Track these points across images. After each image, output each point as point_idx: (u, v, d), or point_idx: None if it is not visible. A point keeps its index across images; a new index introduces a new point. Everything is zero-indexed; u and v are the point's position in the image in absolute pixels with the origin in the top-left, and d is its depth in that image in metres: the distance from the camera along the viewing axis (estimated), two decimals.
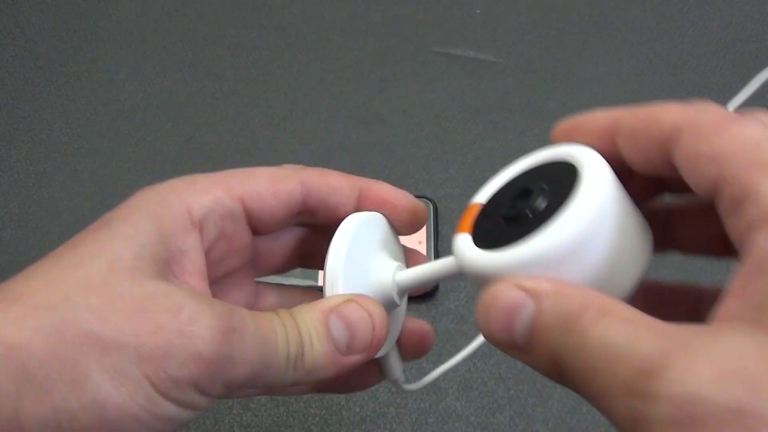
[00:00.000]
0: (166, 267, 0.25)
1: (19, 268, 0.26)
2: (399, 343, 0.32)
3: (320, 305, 0.26)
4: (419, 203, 0.30)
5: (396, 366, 0.31)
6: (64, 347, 0.22)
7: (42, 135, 0.63)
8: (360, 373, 0.29)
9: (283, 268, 0.32)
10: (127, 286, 0.23)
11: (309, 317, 0.26)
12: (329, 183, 0.30)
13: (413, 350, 0.32)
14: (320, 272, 0.55)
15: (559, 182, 0.23)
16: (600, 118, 0.23)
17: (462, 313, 0.54)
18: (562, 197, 0.22)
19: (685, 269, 0.41)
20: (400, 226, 0.31)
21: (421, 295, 0.54)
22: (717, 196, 0.20)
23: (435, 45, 0.69)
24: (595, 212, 0.21)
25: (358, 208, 0.29)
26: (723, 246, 0.22)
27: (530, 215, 0.23)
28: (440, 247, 0.57)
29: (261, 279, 0.32)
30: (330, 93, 0.66)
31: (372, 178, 0.63)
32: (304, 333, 0.25)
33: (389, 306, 0.29)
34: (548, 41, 0.69)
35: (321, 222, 0.30)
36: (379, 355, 0.28)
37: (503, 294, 0.21)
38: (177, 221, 0.26)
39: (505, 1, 0.72)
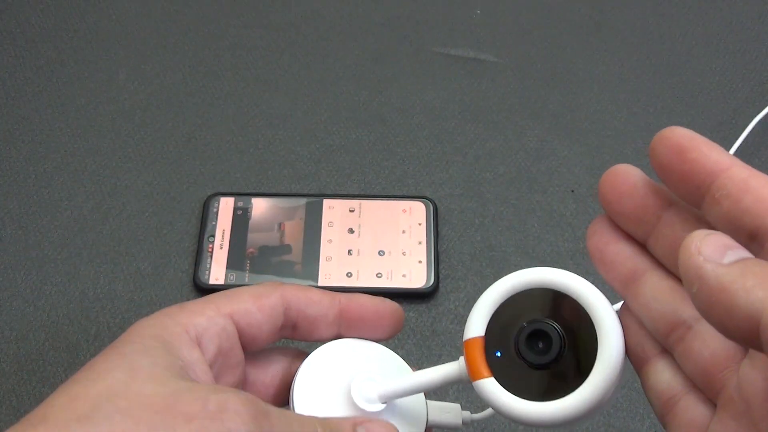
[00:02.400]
0: (181, 372, 0.26)
1: (19, 268, 0.26)
2: None
3: (352, 420, 0.28)
4: (397, 308, 0.33)
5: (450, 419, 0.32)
6: None
7: (42, 135, 0.63)
8: None
9: (275, 402, 0.32)
10: (151, 387, 0.24)
11: (341, 427, 0.27)
12: (308, 296, 0.31)
13: (385, 329, 0.33)
14: (320, 271, 0.55)
15: (573, 326, 0.26)
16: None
17: (462, 314, 0.54)
18: (585, 348, 0.25)
19: None
20: (383, 333, 0.32)
21: (421, 295, 0.54)
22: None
23: (435, 45, 0.69)
24: (617, 373, 0.25)
25: (339, 322, 0.31)
26: None
27: (557, 361, 0.26)
28: (440, 247, 0.57)
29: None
30: (330, 93, 0.66)
31: (372, 177, 0.63)
32: None
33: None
34: (548, 41, 0.69)
35: (303, 336, 0.32)
36: None
37: None
38: (180, 339, 0.27)
39: (505, 1, 0.72)
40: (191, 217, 0.59)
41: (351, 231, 0.57)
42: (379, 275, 0.55)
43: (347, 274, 0.55)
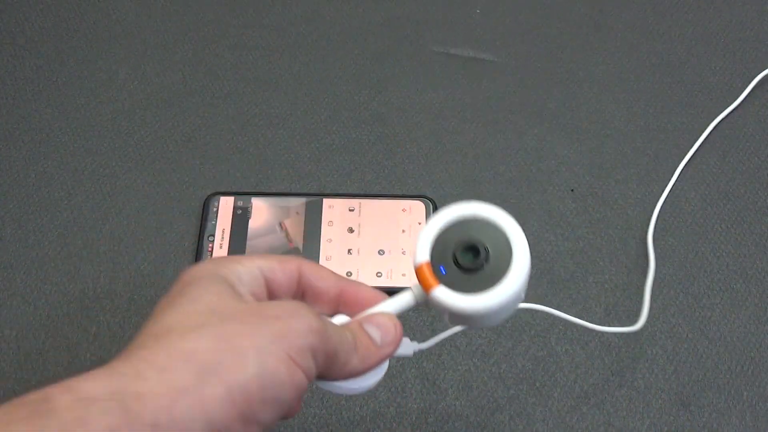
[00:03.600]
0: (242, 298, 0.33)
1: (19, 268, 0.26)
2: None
3: (355, 320, 0.36)
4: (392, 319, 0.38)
5: (403, 351, 0.40)
6: (224, 344, 0.29)
7: (42, 135, 0.63)
8: None
9: None
10: (239, 305, 0.32)
11: (351, 326, 0.35)
12: (319, 271, 0.37)
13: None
14: None
15: (492, 239, 0.35)
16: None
17: None
18: (501, 252, 0.35)
19: None
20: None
21: None
22: None
23: (435, 45, 0.69)
24: (525, 275, 0.35)
25: (338, 301, 0.37)
26: None
27: (484, 267, 0.35)
28: None
29: None
30: (330, 93, 0.66)
31: (372, 177, 0.63)
32: (354, 333, 0.35)
33: None
34: (548, 41, 0.69)
35: (307, 303, 0.38)
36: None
37: None
38: (231, 278, 0.33)
39: (505, 1, 0.72)
40: (191, 216, 0.59)
41: (351, 230, 0.57)
42: (378, 274, 0.55)
43: (347, 273, 0.55)
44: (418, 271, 0.35)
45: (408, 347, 0.40)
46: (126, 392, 0.27)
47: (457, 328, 0.44)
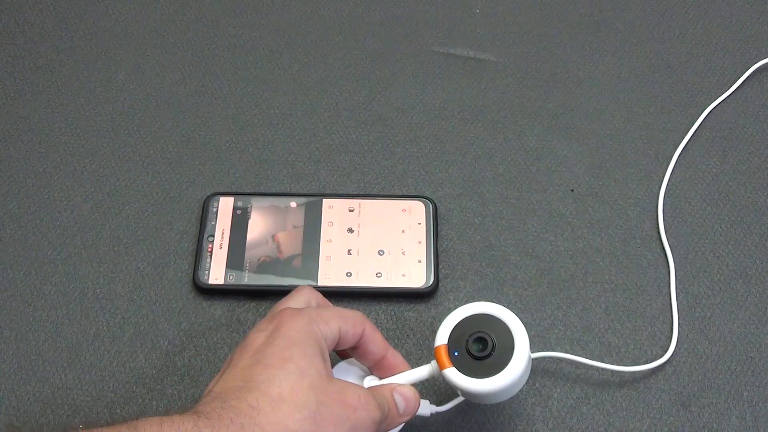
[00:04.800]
0: (328, 369, 0.41)
1: (18, 268, 0.26)
2: None
3: (389, 386, 0.44)
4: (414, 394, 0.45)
5: (422, 412, 0.47)
6: (317, 429, 0.38)
7: (42, 135, 0.63)
8: None
9: None
10: (331, 386, 0.40)
11: (386, 394, 0.43)
12: (375, 338, 0.45)
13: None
14: (319, 271, 0.55)
15: (499, 334, 0.43)
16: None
17: None
18: (505, 346, 0.43)
19: None
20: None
21: (421, 295, 0.54)
22: None
23: (435, 45, 0.69)
24: (526, 362, 0.43)
25: (378, 361, 0.45)
26: None
27: (490, 356, 0.43)
28: (439, 246, 0.57)
29: None
30: (330, 93, 0.66)
31: (371, 177, 0.63)
32: (388, 403, 0.43)
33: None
34: (548, 41, 0.69)
35: (354, 354, 0.46)
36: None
37: None
38: (322, 342, 0.41)
39: (505, 1, 0.72)
40: (191, 217, 0.59)
41: (350, 230, 0.57)
42: (378, 275, 0.55)
43: (347, 274, 0.55)
44: (436, 352, 0.44)
45: (426, 409, 0.46)
46: None
47: None
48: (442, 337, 0.44)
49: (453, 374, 0.43)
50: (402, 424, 0.44)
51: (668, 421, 0.50)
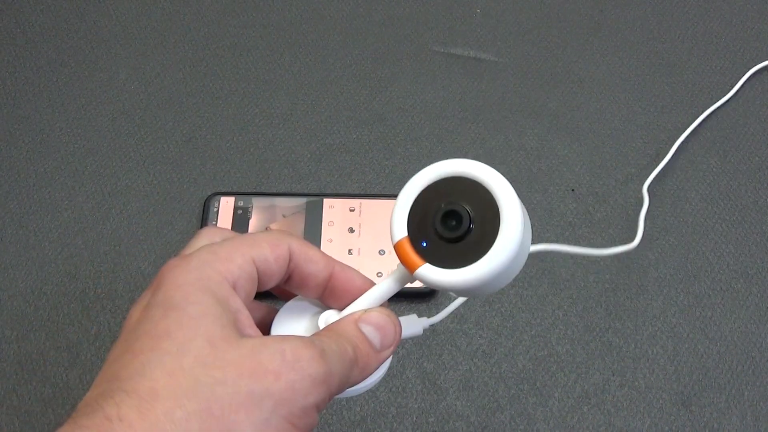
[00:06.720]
0: (237, 326, 0.29)
1: (19, 268, 0.26)
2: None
3: (349, 318, 0.32)
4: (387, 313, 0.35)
5: (413, 331, 0.36)
6: (216, 423, 0.26)
7: (42, 135, 0.63)
8: None
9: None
10: (233, 352, 0.28)
11: (348, 330, 0.32)
12: (309, 253, 0.33)
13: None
14: None
15: (477, 201, 0.30)
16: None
17: (462, 313, 0.54)
18: (489, 220, 0.30)
19: None
20: None
21: (422, 295, 0.55)
22: None
23: (435, 44, 0.69)
24: (519, 234, 0.30)
25: (325, 285, 0.34)
26: None
27: (469, 232, 0.30)
28: None
29: None
30: (330, 93, 0.66)
31: (372, 177, 0.63)
32: (352, 341, 0.31)
33: None
34: (548, 41, 0.69)
35: (291, 288, 0.34)
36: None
37: None
38: (225, 289, 0.30)
39: (505, 1, 0.72)
40: (191, 216, 0.59)
41: (351, 230, 0.57)
42: (379, 275, 0.55)
43: None
44: (397, 250, 0.31)
45: (417, 325, 0.36)
46: None
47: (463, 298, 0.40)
48: (398, 227, 0.31)
49: (429, 272, 0.31)
50: (388, 360, 0.33)
51: (669, 420, 0.50)
